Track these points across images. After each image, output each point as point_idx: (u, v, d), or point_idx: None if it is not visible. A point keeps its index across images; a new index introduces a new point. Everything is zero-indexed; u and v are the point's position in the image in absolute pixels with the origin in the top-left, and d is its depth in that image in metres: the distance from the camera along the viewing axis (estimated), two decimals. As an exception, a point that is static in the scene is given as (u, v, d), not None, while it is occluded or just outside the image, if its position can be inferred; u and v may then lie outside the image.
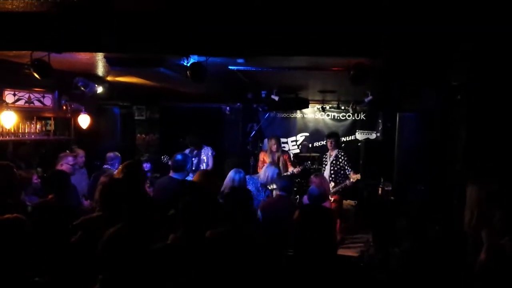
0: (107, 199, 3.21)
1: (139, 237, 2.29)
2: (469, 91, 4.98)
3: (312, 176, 5.67)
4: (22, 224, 2.75)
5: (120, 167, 4.10)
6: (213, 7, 3.68)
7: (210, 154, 7.41)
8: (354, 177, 6.67)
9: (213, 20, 3.88)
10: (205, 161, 7.41)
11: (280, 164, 7.10)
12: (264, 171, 5.57)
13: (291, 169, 7.12)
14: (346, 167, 6.91)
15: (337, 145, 7.13)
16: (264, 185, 5.55)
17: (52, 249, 3.44)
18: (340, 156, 6.99)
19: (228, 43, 3.99)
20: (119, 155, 6.37)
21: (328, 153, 7.18)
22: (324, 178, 5.71)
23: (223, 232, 3.17)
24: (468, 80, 4.82)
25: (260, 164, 7.36)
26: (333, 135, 7.22)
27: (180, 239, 2.87)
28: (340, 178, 6.89)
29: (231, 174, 5.03)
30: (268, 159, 7.25)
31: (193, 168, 7.29)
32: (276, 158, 7.22)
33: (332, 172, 6.94)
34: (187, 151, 7.47)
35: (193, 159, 7.49)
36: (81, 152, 6.44)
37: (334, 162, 6.96)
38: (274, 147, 7.26)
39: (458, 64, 4.54)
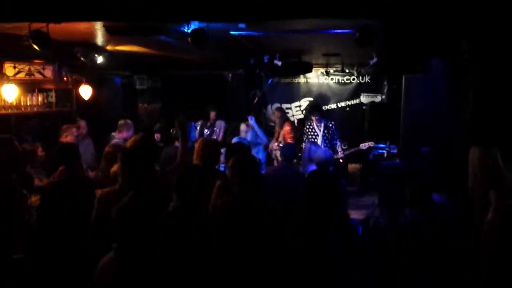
0: (127, 171, 3.17)
1: (152, 206, 2.31)
2: (477, 53, 4.87)
3: (309, 144, 5.58)
4: None
5: (134, 137, 4.06)
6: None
7: (222, 126, 7.46)
8: (367, 144, 6.64)
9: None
10: (218, 133, 7.53)
11: (281, 135, 7.16)
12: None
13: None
14: (335, 136, 6.83)
15: (323, 116, 6.93)
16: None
17: (74, 223, 3.48)
18: (330, 125, 6.85)
19: (228, 8, 3.88)
20: (130, 122, 6.33)
21: (313, 125, 6.93)
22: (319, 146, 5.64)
23: (230, 201, 3.17)
24: (477, 42, 4.72)
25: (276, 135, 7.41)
26: (315, 110, 7.00)
27: (178, 208, 2.89)
28: (331, 147, 6.78)
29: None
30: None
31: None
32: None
33: (327, 142, 6.79)
34: (199, 122, 7.53)
35: (205, 130, 7.55)
36: (83, 123, 6.44)
37: (325, 132, 6.82)
38: (278, 120, 7.28)
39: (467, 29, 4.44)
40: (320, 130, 6.83)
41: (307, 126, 7.09)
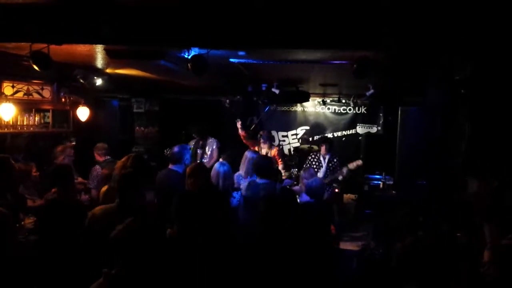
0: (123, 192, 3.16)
1: (152, 231, 2.26)
2: (472, 86, 4.93)
3: (302, 172, 5.67)
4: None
5: (124, 159, 4.04)
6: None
7: (215, 146, 7.38)
8: (355, 164, 6.59)
9: (215, 12, 3.82)
10: (210, 152, 7.37)
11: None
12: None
13: (280, 166, 6.98)
14: (338, 169, 6.84)
15: (331, 149, 6.97)
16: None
17: (63, 244, 3.43)
18: (335, 160, 6.90)
19: (229, 36, 3.94)
20: None
21: (319, 155, 7.01)
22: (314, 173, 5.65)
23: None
24: (472, 75, 4.78)
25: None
26: (327, 141, 7.07)
27: (176, 233, 2.92)
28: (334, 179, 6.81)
29: (216, 166, 4.97)
30: None
31: (199, 160, 7.28)
32: (264, 153, 7.07)
33: (328, 172, 6.82)
34: (192, 142, 7.47)
35: (197, 150, 7.49)
36: (68, 144, 6.43)
37: (329, 165, 6.86)
38: (261, 141, 7.18)
39: (462, 59, 4.50)
40: (324, 162, 6.89)
41: (312, 156, 7.13)
